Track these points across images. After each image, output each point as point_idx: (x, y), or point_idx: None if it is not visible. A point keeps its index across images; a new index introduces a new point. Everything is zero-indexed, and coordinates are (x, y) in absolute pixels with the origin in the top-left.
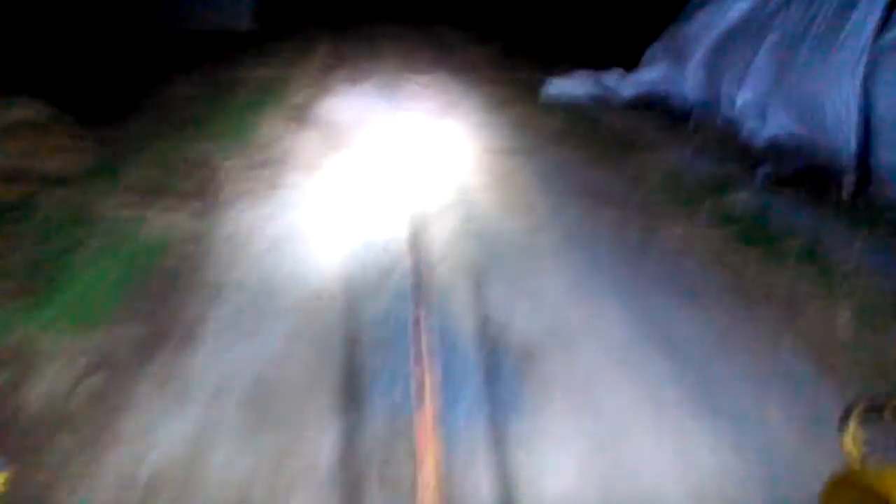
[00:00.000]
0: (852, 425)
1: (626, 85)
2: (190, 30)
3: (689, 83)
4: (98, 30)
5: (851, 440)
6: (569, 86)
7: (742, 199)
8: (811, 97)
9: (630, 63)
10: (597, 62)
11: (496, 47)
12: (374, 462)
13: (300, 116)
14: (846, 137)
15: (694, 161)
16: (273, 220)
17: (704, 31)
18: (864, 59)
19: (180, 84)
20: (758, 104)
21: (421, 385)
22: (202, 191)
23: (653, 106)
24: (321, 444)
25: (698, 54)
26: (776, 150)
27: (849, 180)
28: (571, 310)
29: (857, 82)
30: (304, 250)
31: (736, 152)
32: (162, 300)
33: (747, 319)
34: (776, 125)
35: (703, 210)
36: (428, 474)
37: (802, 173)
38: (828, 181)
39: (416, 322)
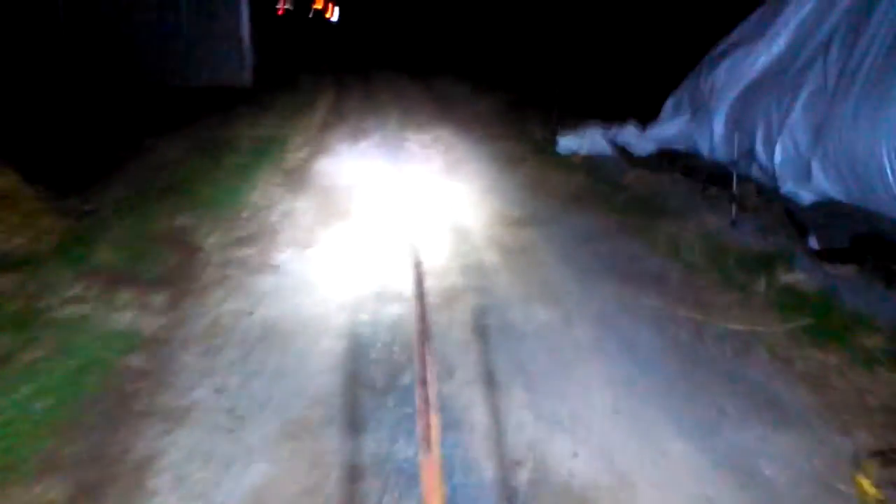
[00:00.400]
0: (866, 470)
1: (644, 140)
2: (187, 87)
3: (714, 139)
4: (85, 89)
5: (866, 485)
6: (582, 142)
7: (799, 279)
8: (863, 155)
9: (644, 116)
10: (609, 115)
11: (500, 100)
12: None
13: (295, 181)
14: None
15: (733, 229)
16: (252, 317)
17: (730, 81)
18: None
19: (168, 146)
20: (798, 163)
21: (427, 428)
22: (174, 277)
23: (675, 163)
24: None
25: (724, 107)
26: (824, 217)
27: None
28: (623, 441)
29: None
30: (285, 359)
31: (777, 219)
32: (103, 436)
33: (846, 449)
34: (821, 187)
35: (757, 294)
36: None
37: (859, 244)
38: (892, 253)
39: (421, 355)
